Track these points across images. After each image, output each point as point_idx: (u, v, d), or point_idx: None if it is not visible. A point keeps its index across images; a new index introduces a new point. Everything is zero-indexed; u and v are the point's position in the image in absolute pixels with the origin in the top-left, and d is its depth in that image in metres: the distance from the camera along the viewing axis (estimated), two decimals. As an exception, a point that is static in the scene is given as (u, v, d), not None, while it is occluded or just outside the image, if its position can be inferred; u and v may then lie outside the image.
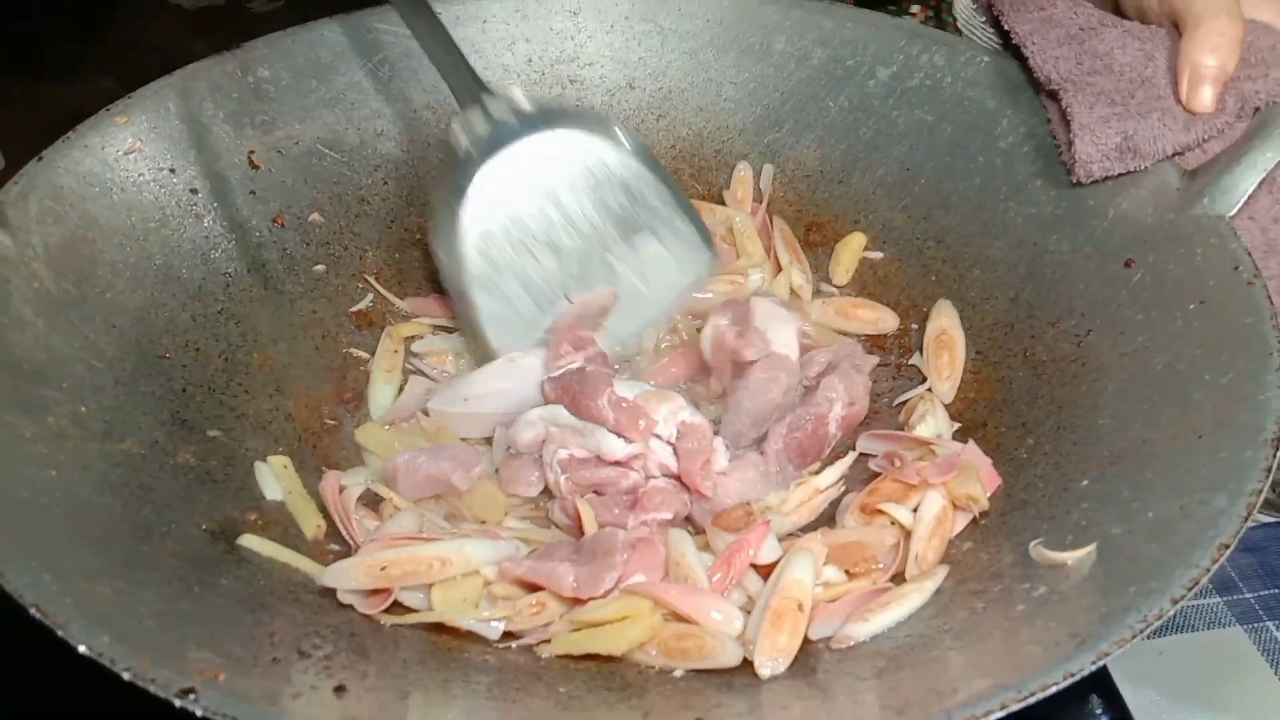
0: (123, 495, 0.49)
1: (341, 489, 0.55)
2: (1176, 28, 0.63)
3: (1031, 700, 0.37)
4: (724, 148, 0.78)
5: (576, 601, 0.49)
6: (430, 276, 0.73)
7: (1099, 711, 0.55)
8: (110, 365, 0.56)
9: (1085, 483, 0.52)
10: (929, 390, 0.63)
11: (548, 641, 0.49)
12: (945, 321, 0.66)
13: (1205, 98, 0.61)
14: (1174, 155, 0.61)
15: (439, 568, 0.50)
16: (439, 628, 0.50)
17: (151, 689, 0.36)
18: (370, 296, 0.70)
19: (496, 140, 0.62)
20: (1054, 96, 0.64)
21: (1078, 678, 0.38)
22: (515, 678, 0.46)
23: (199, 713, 0.35)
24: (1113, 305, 0.60)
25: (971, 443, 0.57)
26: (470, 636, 0.50)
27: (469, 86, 0.64)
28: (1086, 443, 0.54)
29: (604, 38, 0.79)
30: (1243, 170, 0.58)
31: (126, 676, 0.36)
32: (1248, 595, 0.64)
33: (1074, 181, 0.63)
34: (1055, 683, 0.37)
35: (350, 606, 0.49)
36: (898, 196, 0.72)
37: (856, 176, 0.74)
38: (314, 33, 0.73)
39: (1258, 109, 0.61)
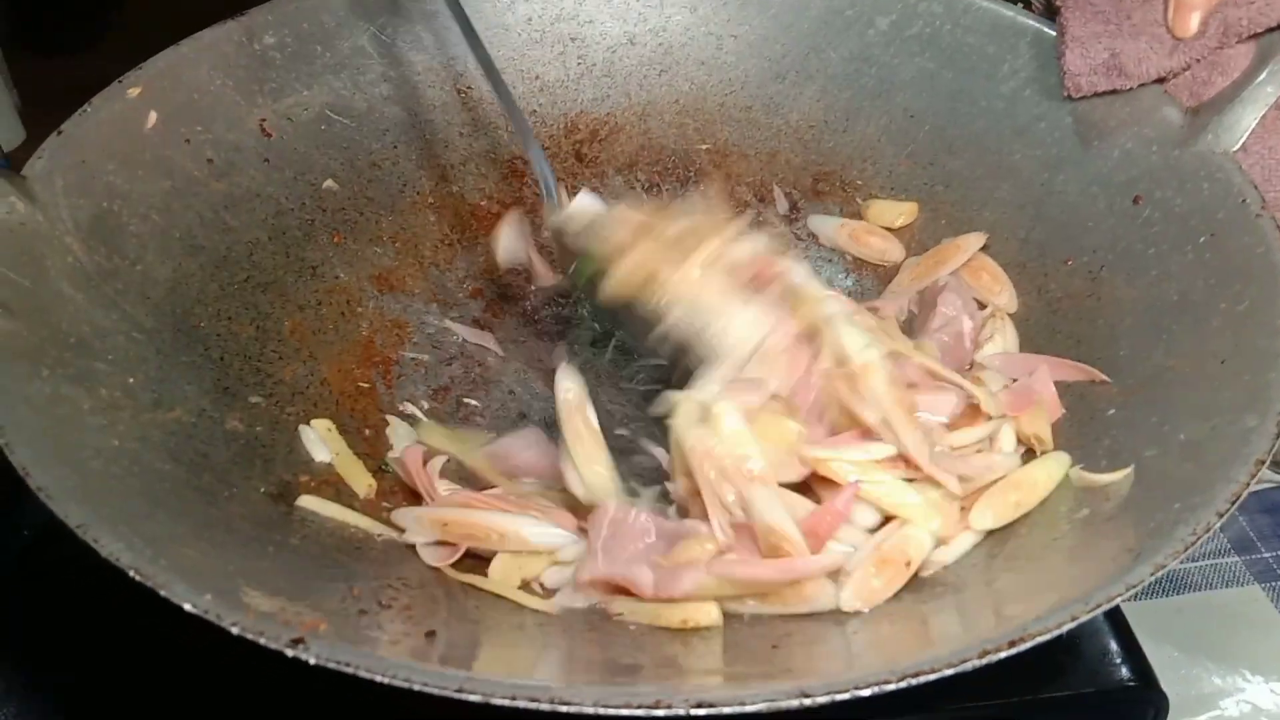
0: (183, 463, 0.50)
1: (425, 461, 0.56)
2: None
3: (1098, 611, 0.39)
4: (727, 100, 0.79)
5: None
6: (444, 240, 0.73)
7: (1119, 663, 0.55)
8: (150, 336, 0.56)
9: (1112, 411, 0.55)
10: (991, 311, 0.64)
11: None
12: (964, 247, 0.68)
13: (1189, 22, 0.62)
14: (1159, 79, 0.63)
15: (496, 539, 0.51)
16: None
17: (261, 641, 0.37)
18: (389, 260, 0.71)
19: None
20: (1056, 13, 0.66)
21: (1137, 589, 0.40)
22: (583, 618, 0.48)
23: (311, 661, 0.36)
24: (1123, 241, 0.62)
25: (1044, 368, 0.57)
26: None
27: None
28: (1108, 373, 0.57)
29: (605, -6, 0.79)
30: (1244, 105, 0.61)
31: (235, 631, 0.37)
32: (1265, 555, 0.67)
33: (1064, 95, 0.65)
34: (1119, 594, 0.39)
35: (414, 561, 0.51)
36: (903, 143, 0.74)
37: (861, 125, 0.75)
38: (317, -4, 0.73)
39: (1246, 36, 0.63)
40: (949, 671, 0.37)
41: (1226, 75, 0.63)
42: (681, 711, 0.35)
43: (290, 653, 0.37)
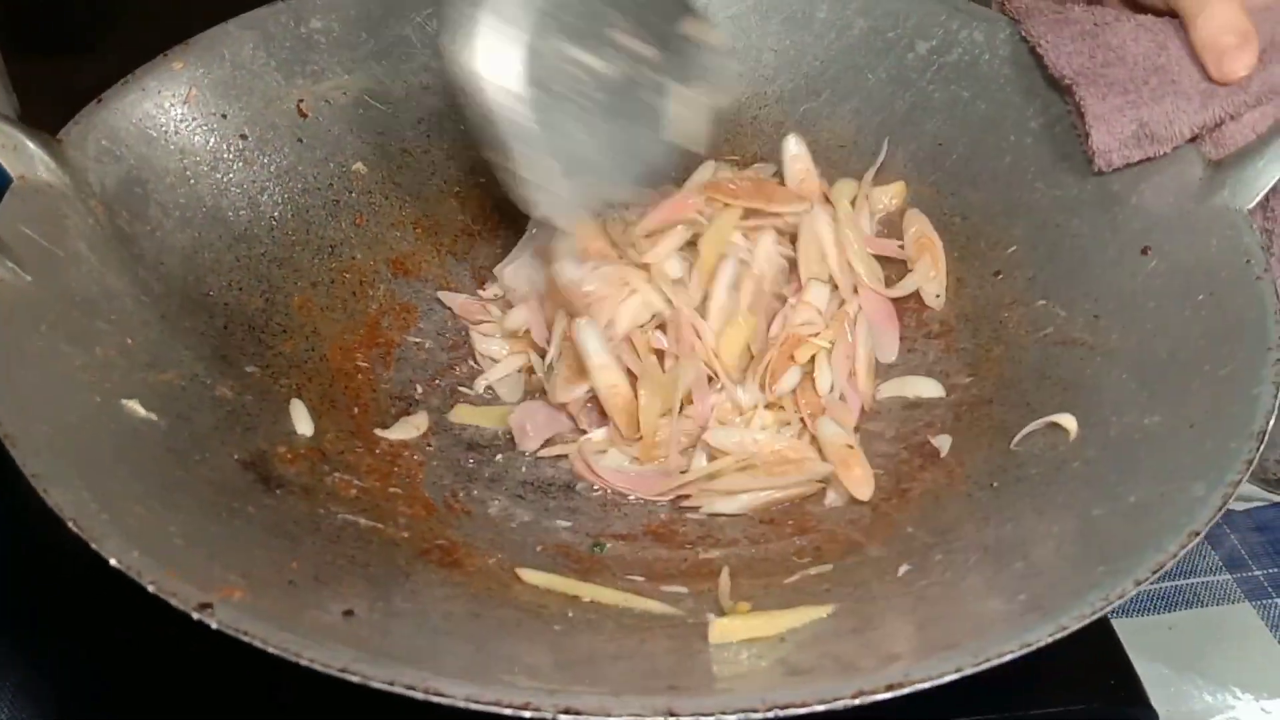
0: (162, 424, 0.53)
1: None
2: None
3: (983, 667, 0.39)
4: (760, 114, 0.79)
5: None
6: (465, 230, 0.75)
7: (1109, 679, 0.56)
8: (157, 301, 0.59)
9: (1077, 464, 0.54)
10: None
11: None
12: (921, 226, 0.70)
13: (1236, 65, 0.60)
14: (1193, 137, 0.61)
15: None
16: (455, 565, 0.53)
17: (173, 602, 0.39)
18: (408, 245, 0.73)
19: None
20: (1070, 91, 0.65)
21: (1034, 648, 0.40)
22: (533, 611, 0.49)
23: (214, 625, 0.39)
24: (1126, 292, 0.60)
25: None
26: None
27: None
28: (1086, 425, 0.56)
29: (648, 2, 0.80)
30: (1265, 163, 0.58)
31: (151, 589, 0.40)
32: (1257, 572, 0.67)
33: (1094, 170, 0.64)
34: (1010, 651, 0.39)
35: (375, 544, 0.53)
36: (928, 171, 0.73)
37: (890, 149, 0.75)
38: (366, -15, 0.76)
39: None
40: (820, 708, 0.37)
41: (1252, 129, 0.61)
42: (549, 715, 0.36)
43: (196, 615, 0.39)
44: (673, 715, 0.37)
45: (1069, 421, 0.56)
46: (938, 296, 0.68)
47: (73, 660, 0.61)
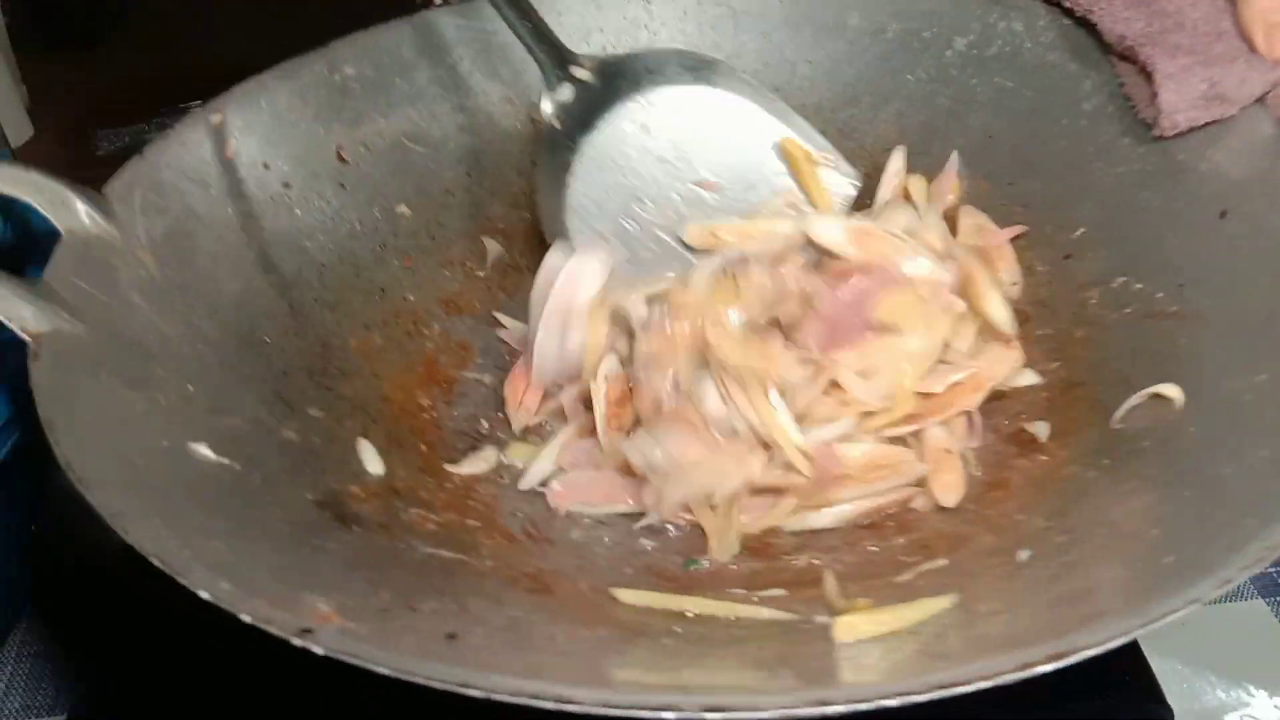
0: (231, 467, 0.51)
1: None
2: None
3: (1155, 626, 0.36)
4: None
5: None
6: (513, 265, 0.74)
7: (1125, 675, 0.54)
8: (214, 348, 0.58)
9: (1192, 430, 0.51)
10: None
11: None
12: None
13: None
14: (1263, 96, 0.59)
15: None
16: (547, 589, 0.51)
17: (271, 629, 0.37)
18: (458, 284, 0.72)
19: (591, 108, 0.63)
20: (1127, 57, 0.63)
21: (1200, 603, 0.37)
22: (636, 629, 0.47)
23: (319, 651, 0.36)
24: (1209, 257, 0.58)
25: None
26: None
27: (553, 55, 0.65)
28: (1191, 393, 0.53)
29: (677, 24, 0.79)
30: (1343, 113, 0.57)
31: (246, 619, 0.37)
32: (1270, 569, 0.66)
33: (1157, 135, 0.62)
34: (1178, 609, 0.37)
35: (458, 573, 0.50)
36: (981, 165, 0.72)
37: (938, 146, 0.73)
38: (396, 31, 0.75)
39: None
40: (982, 684, 0.34)
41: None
42: (691, 715, 0.34)
43: (298, 642, 0.36)
44: (826, 704, 0.34)
45: (1173, 391, 0.53)
46: (1014, 285, 0.65)
47: (85, 650, 0.61)
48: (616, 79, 0.64)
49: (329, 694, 0.52)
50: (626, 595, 0.50)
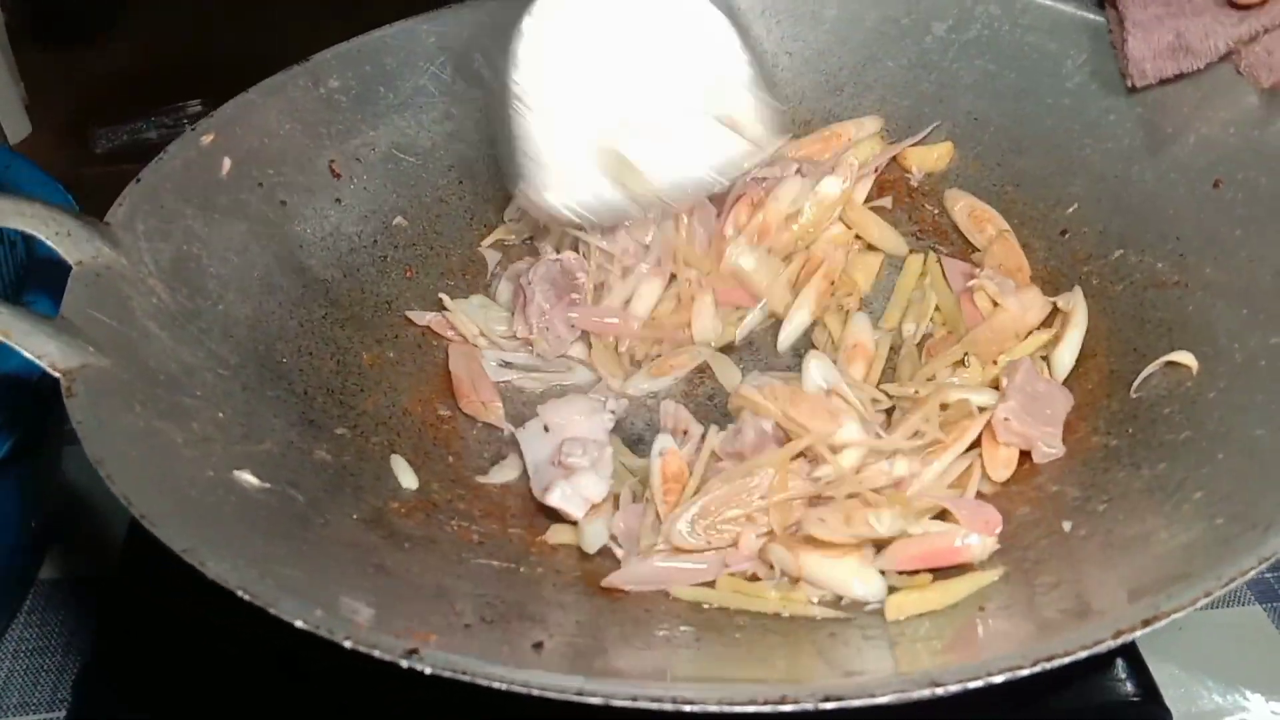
0: (275, 492, 0.50)
1: None
2: None
3: (1230, 587, 0.37)
4: (786, 116, 0.78)
5: None
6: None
7: (1124, 677, 0.55)
8: (235, 373, 0.57)
9: (1214, 394, 0.53)
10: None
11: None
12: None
13: None
14: (1227, 53, 0.61)
15: None
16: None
17: (376, 654, 0.36)
18: (460, 291, 0.71)
19: None
20: (1110, 3, 0.65)
21: (1272, 560, 0.38)
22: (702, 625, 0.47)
23: (428, 671, 0.36)
24: (1207, 226, 0.60)
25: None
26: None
27: None
28: (1206, 358, 0.55)
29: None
30: (1325, 80, 0.59)
31: (348, 645, 0.37)
32: (1267, 575, 0.67)
33: (1128, 86, 0.64)
34: (1251, 567, 0.38)
35: (510, 579, 0.50)
36: (969, 146, 0.73)
37: (925, 131, 0.75)
38: (377, 40, 0.74)
39: None
40: (1082, 654, 0.35)
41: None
42: (810, 706, 0.34)
43: (405, 663, 0.36)
44: (938, 685, 0.34)
45: (1187, 358, 0.55)
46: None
47: (83, 645, 0.61)
48: None
49: (328, 694, 0.52)
50: (682, 591, 0.51)
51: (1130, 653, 0.55)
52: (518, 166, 0.64)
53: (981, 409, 0.57)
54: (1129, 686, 0.54)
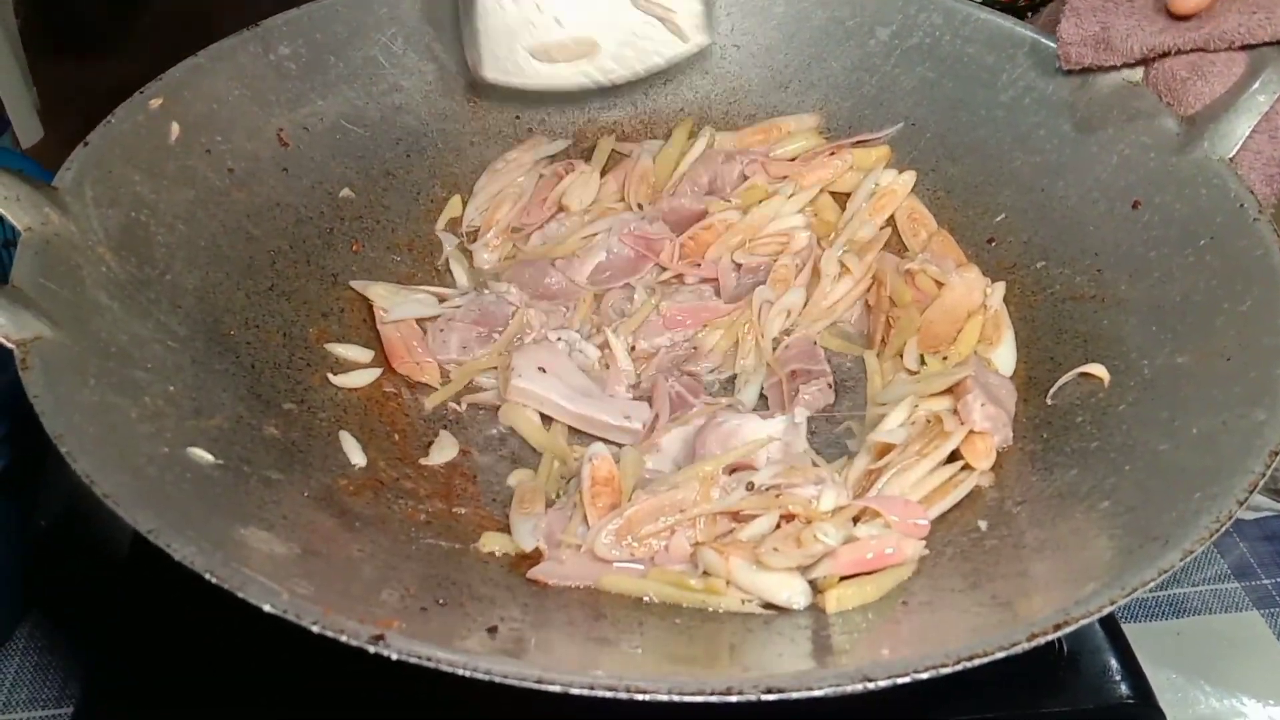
0: (229, 469, 0.51)
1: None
2: None
3: (1133, 596, 0.41)
4: (731, 109, 0.81)
5: None
6: (459, 247, 0.74)
7: (1119, 680, 0.56)
8: (184, 345, 0.57)
9: (1123, 407, 0.57)
10: None
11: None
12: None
13: (1189, 2, 0.64)
14: (1141, 59, 0.65)
15: None
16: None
17: (343, 639, 0.38)
18: (407, 267, 0.72)
19: None
20: None
21: (1169, 574, 0.42)
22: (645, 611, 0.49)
23: (394, 657, 0.38)
24: (1125, 244, 0.64)
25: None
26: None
27: None
28: (1117, 371, 0.59)
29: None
30: (1239, 114, 0.63)
31: (315, 629, 0.38)
32: (1265, 581, 0.69)
33: (1059, 69, 0.68)
34: (1151, 579, 0.42)
35: (460, 560, 0.52)
36: (904, 150, 0.76)
37: (863, 133, 0.77)
38: (328, 8, 0.74)
39: (1237, 45, 0.65)
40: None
41: (1208, 81, 0.65)
42: (753, 697, 0.37)
43: (372, 649, 0.38)
44: (869, 681, 0.37)
45: (1099, 370, 0.59)
46: None
47: (92, 642, 0.60)
48: None
49: (326, 684, 0.53)
50: (609, 583, 0.52)
51: (1126, 657, 0.56)
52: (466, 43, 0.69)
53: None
54: (1124, 691, 0.55)
